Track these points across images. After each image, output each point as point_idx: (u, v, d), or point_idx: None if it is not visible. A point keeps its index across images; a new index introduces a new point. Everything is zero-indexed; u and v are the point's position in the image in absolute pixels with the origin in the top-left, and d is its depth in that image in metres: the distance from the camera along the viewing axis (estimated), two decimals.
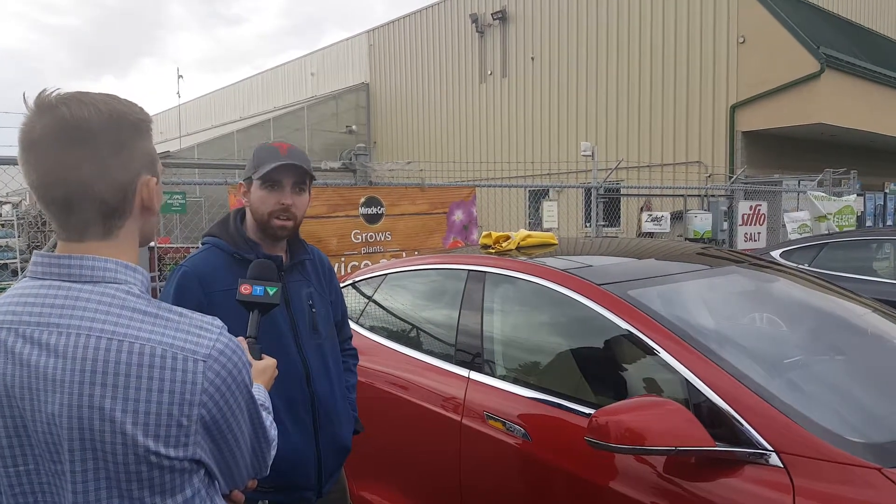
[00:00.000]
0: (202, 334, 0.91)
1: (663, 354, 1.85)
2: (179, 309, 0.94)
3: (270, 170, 1.70)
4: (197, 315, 0.94)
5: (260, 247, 1.76)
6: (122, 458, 0.85)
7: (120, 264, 0.93)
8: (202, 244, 1.82)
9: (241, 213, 1.84)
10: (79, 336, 0.86)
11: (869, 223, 12.73)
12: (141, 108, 0.96)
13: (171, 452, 0.87)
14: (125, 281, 0.92)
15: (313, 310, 1.83)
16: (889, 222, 13.75)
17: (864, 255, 5.97)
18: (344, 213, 5.35)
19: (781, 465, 1.54)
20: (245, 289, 1.45)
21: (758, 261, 2.79)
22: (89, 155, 0.89)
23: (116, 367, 0.85)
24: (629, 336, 1.97)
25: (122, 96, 0.96)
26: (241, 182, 1.82)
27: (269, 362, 1.36)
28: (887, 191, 14.42)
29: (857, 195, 10.74)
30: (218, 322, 0.95)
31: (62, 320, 0.87)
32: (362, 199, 5.47)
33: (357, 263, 5.35)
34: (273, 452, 1.10)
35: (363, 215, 5.47)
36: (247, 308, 1.46)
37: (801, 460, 1.53)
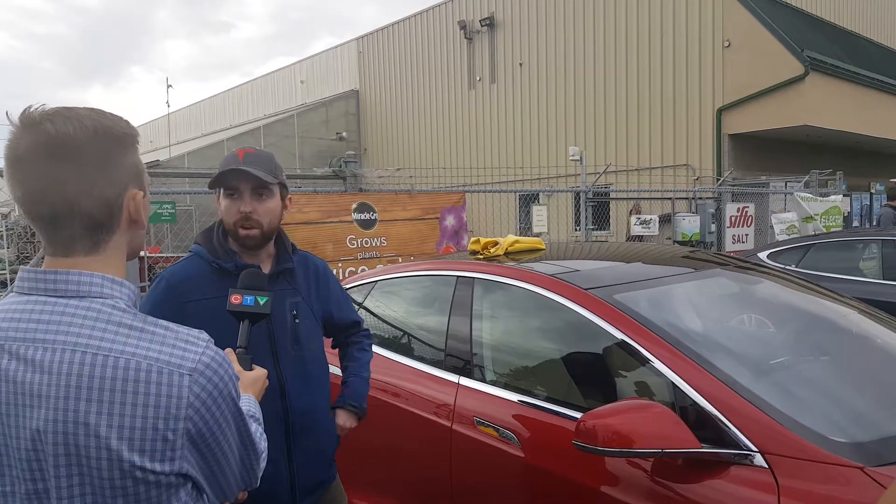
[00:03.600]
0: (188, 348, 0.91)
1: (649, 358, 1.87)
2: (165, 323, 0.94)
3: (221, 177, 1.67)
4: (183, 329, 0.94)
5: (238, 256, 1.72)
6: (108, 474, 0.85)
7: (106, 279, 0.93)
8: (190, 251, 1.80)
9: None
10: (64, 351, 0.86)
11: (855, 224, 12.86)
12: (127, 122, 0.96)
13: (157, 467, 0.87)
14: (111, 295, 0.92)
15: (296, 321, 1.77)
16: (875, 223, 13.89)
17: (851, 256, 6.03)
18: (338, 219, 5.37)
19: (766, 466, 1.56)
20: (235, 299, 1.44)
21: (743, 263, 2.82)
22: (74, 170, 0.89)
23: (101, 381, 0.85)
24: (616, 340, 1.99)
25: (109, 110, 0.96)
26: (216, 193, 1.76)
27: (259, 373, 1.35)
28: (873, 191, 14.57)
29: (844, 196, 10.84)
30: (204, 335, 0.95)
31: (48, 336, 0.87)
32: (354, 206, 5.48)
33: (354, 269, 5.36)
34: (263, 464, 1.09)
35: (357, 221, 5.48)
36: (237, 318, 1.44)
37: (786, 460, 1.55)
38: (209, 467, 0.95)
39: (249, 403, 1.21)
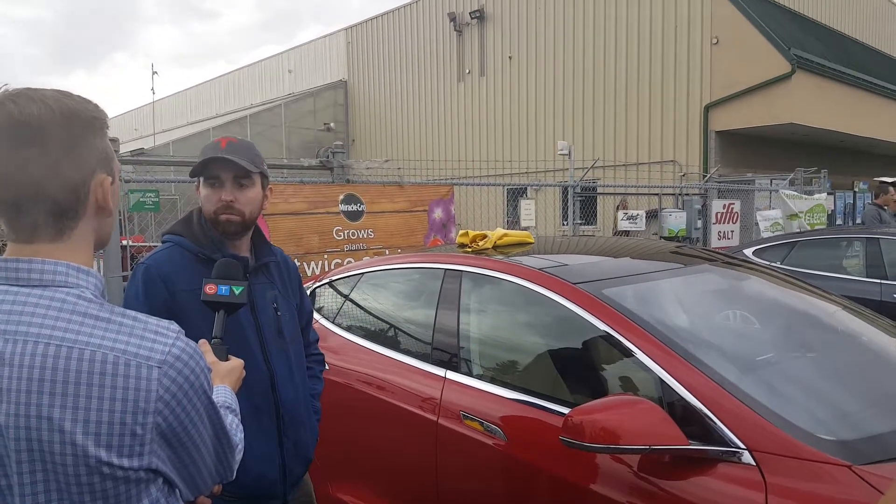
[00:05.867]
0: (157, 339, 0.88)
1: (637, 353, 1.86)
2: (134, 313, 0.91)
3: (202, 165, 1.65)
4: (153, 319, 0.91)
5: (226, 246, 1.70)
6: (73, 470, 0.82)
7: (71, 267, 0.89)
8: (163, 241, 1.75)
9: None
10: (26, 343, 0.82)
11: (839, 221, 13.00)
12: (95, 105, 0.93)
13: (125, 462, 0.84)
14: (76, 284, 0.89)
15: (278, 313, 1.76)
16: (859, 220, 14.06)
17: (834, 253, 6.09)
18: (324, 210, 5.31)
19: (754, 463, 1.55)
20: (210, 288, 1.41)
21: (730, 259, 2.82)
22: (39, 154, 0.85)
23: (66, 374, 0.81)
24: (604, 335, 1.98)
25: (90, 96, 0.93)
26: (196, 182, 1.75)
27: (235, 363, 1.32)
28: (856, 189, 14.74)
29: (828, 194, 10.95)
30: (174, 326, 0.92)
31: (9, 326, 0.84)
32: (341, 197, 5.43)
33: (340, 261, 5.31)
34: (239, 456, 1.07)
35: (343, 212, 5.43)
36: (212, 308, 1.41)
37: (774, 458, 1.54)
38: (181, 462, 0.92)
39: (225, 394, 1.19)
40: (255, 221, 1.75)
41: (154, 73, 23.59)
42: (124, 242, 5.12)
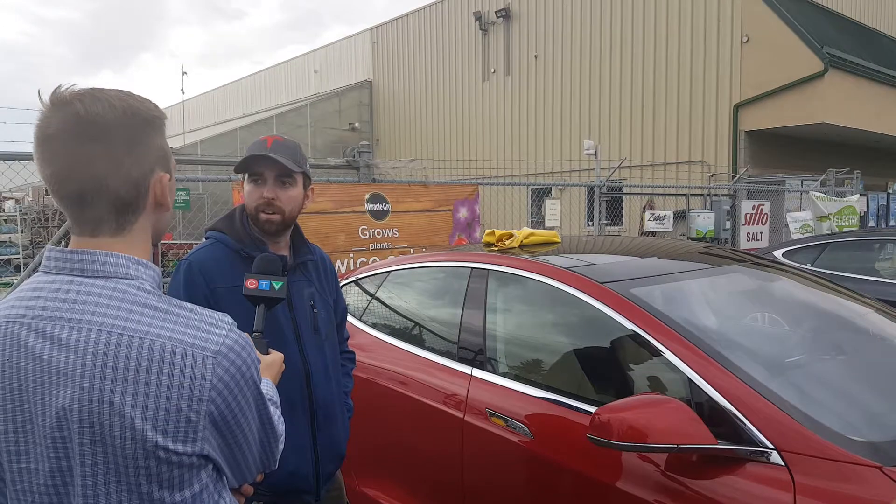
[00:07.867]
0: (212, 330, 0.92)
1: (666, 353, 1.86)
2: (190, 305, 0.95)
3: (246, 162, 1.69)
4: (207, 311, 0.95)
5: (266, 245, 1.75)
6: (131, 453, 0.86)
7: (132, 260, 0.94)
8: (206, 238, 1.80)
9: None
10: (90, 331, 0.87)
11: (872, 223, 12.70)
12: (155, 105, 0.98)
13: (180, 448, 0.88)
14: (136, 276, 0.93)
15: (315, 310, 1.80)
16: (892, 222, 13.72)
17: (867, 256, 5.97)
18: (350, 209, 5.36)
19: (783, 464, 1.55)
20: (251, 283, 1.45)
21: (760, 260, 2.80)
22: (103, 150, 0.90)
23: (126, 362, 0.86)
24: (632, 334, 1.98)
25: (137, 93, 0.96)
26: (241, 178, 1.81)
27: (276, 357, 1.37)
28: (890, 191, 14.38)
29: (860, 195, 10.71)
30: (228, 318, 0.96)
31: (73, 315, 0.88)
32: (367, 196, 5.48)
33: (366, 259, 5.36)
34: (281, 447, 1.11)
35: (369, 211, 5.48)
36: (252, 303, 1.46)
37: (803, 458, 1.54)
38: (230, 449, 0.96)
39: (268, 387, 1.22)
40: (295, 221, 1.80)
41: (184, 73, 23.88)
42: None
